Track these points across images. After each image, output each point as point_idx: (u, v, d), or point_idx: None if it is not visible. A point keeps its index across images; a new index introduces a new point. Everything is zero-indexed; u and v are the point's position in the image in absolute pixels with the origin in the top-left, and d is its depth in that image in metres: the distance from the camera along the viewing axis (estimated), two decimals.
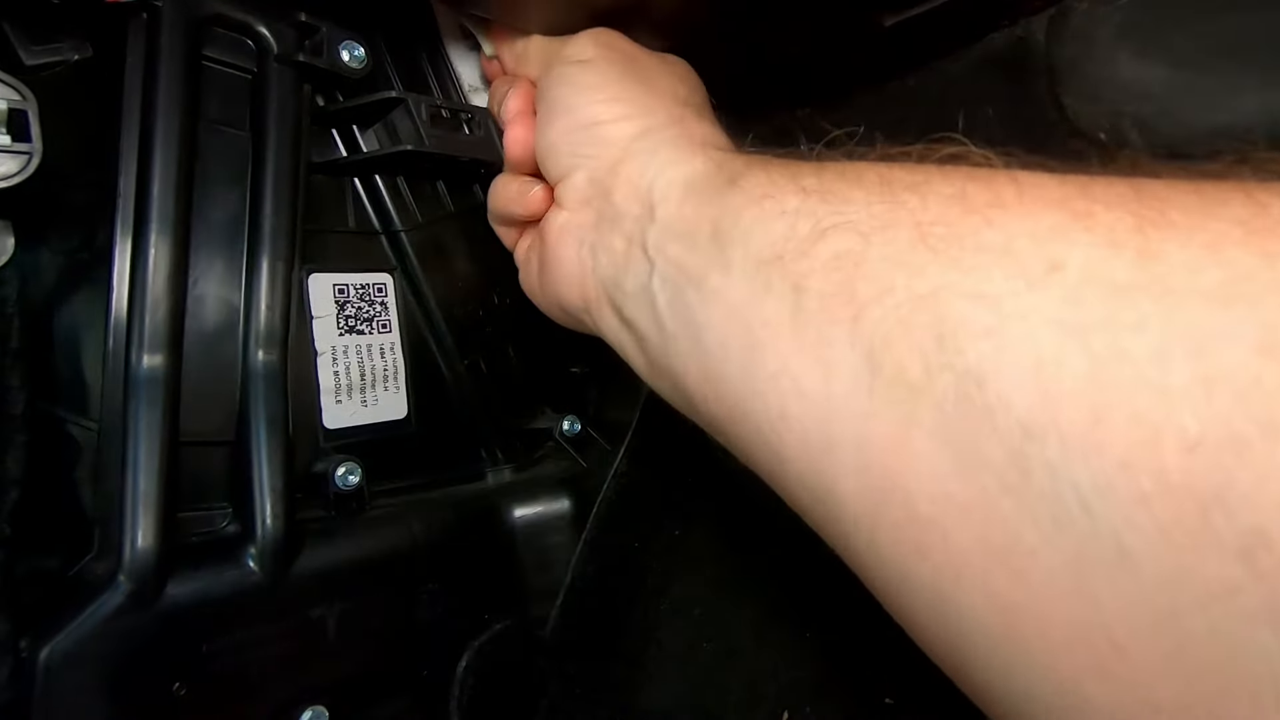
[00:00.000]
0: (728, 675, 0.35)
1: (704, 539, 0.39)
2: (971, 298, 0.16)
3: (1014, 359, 0.15)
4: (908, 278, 0.17)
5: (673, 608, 0.39)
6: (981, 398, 0.15)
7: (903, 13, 0.33)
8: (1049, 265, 0.15)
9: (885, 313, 0.17)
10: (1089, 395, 0.14)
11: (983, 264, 0.16)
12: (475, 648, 0.34)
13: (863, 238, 0.19)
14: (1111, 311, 0.14)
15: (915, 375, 0.16)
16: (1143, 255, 0.14)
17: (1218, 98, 0.29)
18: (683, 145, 0.28)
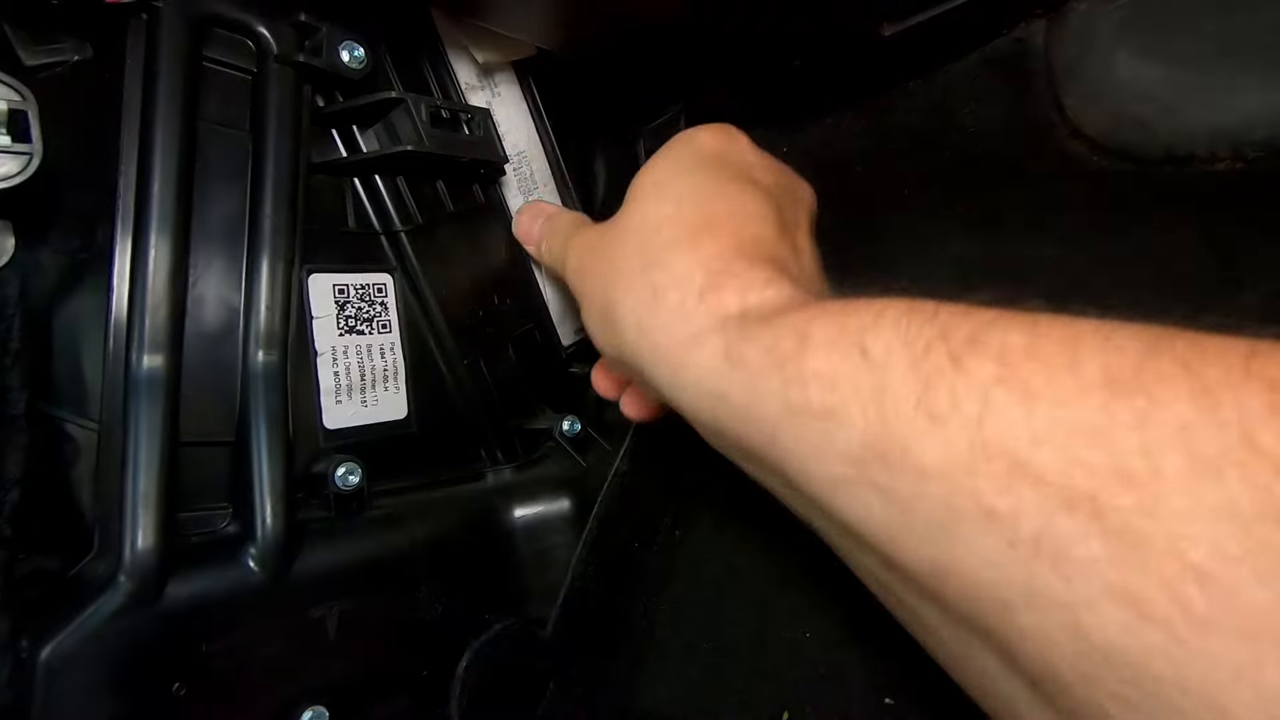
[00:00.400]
0: (728, 675, 0.35)
1: (704, 539, 0.39)
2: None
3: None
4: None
5: (672, 608, 0.39)
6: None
7: (902, 22, 0.33)
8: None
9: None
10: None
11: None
12: (475, 648, 0.34)
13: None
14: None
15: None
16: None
17: (1218, 98, 0.29)
18: (662, 360, 0.25)
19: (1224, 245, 0.29)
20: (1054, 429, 0.15)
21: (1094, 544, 0.14)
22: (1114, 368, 0.15)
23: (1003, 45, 0.35)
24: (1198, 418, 0.14)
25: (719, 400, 0.23)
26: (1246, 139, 0.28)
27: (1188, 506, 0.14)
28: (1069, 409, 0.15)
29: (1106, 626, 0.14)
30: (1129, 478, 0.14)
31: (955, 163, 0.37)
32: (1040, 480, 0.15)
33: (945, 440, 0.17)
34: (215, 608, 0.28)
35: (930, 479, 0.17)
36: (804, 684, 0.33)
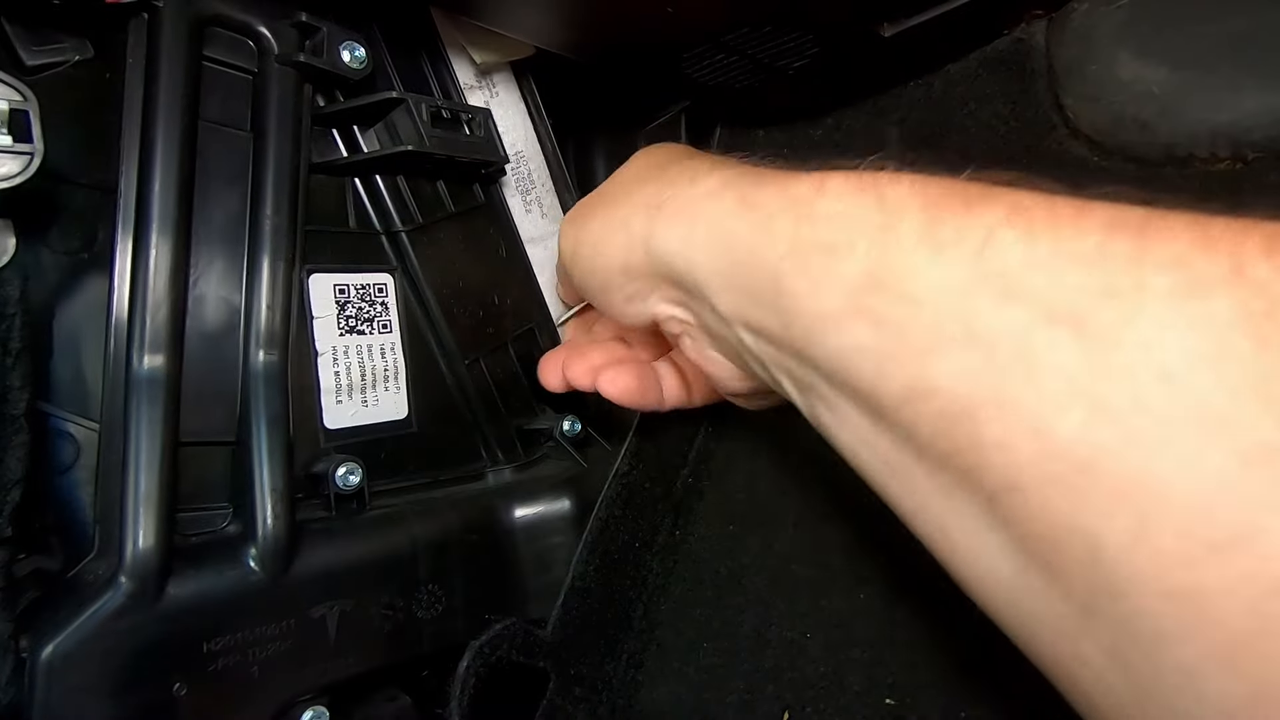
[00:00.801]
0: (728, 675, 0.35)
1: (704, 539, 0.39)
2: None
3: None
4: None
5: (673, 608, 0.39)
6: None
7: (902, 23, 0.33)
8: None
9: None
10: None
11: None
12: (474, 648, 0.34)
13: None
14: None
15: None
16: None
17: (1218, 98, 0.29)
18: (677, 219, 0.26)
19: None
20: (1052, 258, 0.16)
21: (1068, 351, 0.15)
22: (1120, 215, 0.16)
23: (1003, 45, 0.35)
24: (1193, 252, 0.15)
25: (729, 243, 0.23)
26: (1247, 140, 0.28)
27: (1166, 316, 0.14)
28: (1069, 243, 0.16)
29: (1067, 426, 0.15)
30: (1115, 293, 0.15)
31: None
32: (1029, 299, 0.16)
33: (944, 268, 0.17)
34: (216, 607, 0.28)
35: (923, 304, 0.18)
36: (804, 684, 0.33)
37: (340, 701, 0.32)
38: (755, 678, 0.34)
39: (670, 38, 0.34)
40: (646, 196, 0.27)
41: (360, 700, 0.33)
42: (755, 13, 0.32)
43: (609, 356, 0.36)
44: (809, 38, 0.34)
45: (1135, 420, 0.14)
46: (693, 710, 0.36)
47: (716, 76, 0.38)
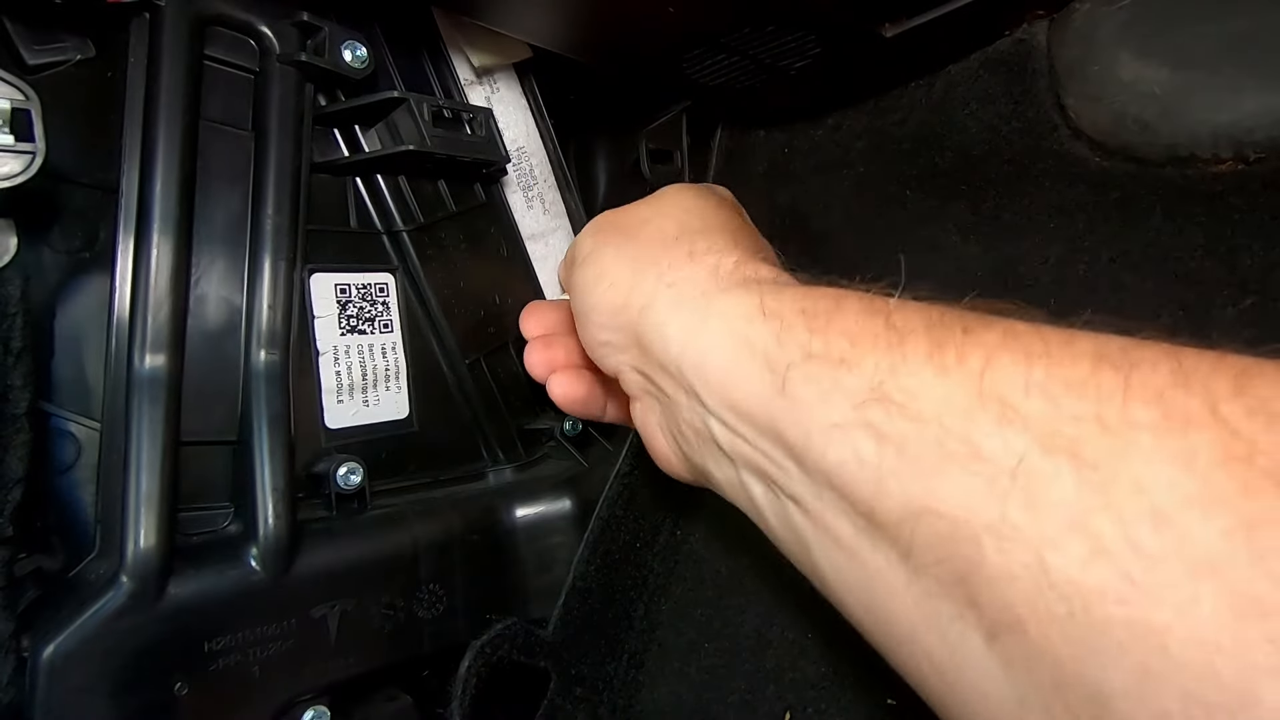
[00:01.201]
0: (729, 675, 0.35)
1: (704, 539, 0.39)
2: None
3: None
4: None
5: (674, 608, 0.39)
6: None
7: (904, 24, 0.33)
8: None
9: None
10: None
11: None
12: (476, 648, 0.34)
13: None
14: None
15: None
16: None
17: (1219, 98, 0.29)
18: (686, 306, 0.26)
19: (1226, 246, 0.29)
20: (1047, 382, 0.17)
21: (1066, 483, 0.16)
22: (1104, 347, 0.17)
23: (1004, 45, 0.35)
24: (1172, 387, 0.15)
25: (740, 344, 0.23)
26: (1248, 140, 0.28)
27: (1154, 452, 0.15)
28: (1061, 369, 0.17)
29: (1066, 562, 0.15)
30: (1106, 425, 0.16)
31: (956, 163, 0.37)
32: (1027, 424, 0.17)
33: (947, 387, 0.18)
34: (217, 607, 0.28)
35: (927, 422, 0.18)
36: (805, 684, 0.33)
37: (341, 701, 0.32)
38: (756, 678, 0.34)
39: (671, 38, 0.34)
40: (669, 260, 0.27)
41: (361, 700, 0.33)
42: (757, 13, 0.32)
43: (572, 359, 0.36)
44: (810, 38, 0.34)
45: (1131, 562, 0.14)
46: (693, 710, 0.36)
47: (717, 77, 0.38)
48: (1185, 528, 0.14)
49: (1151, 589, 0.14)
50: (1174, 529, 0.14)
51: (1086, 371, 0.17)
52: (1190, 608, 0.14)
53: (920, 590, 0.19)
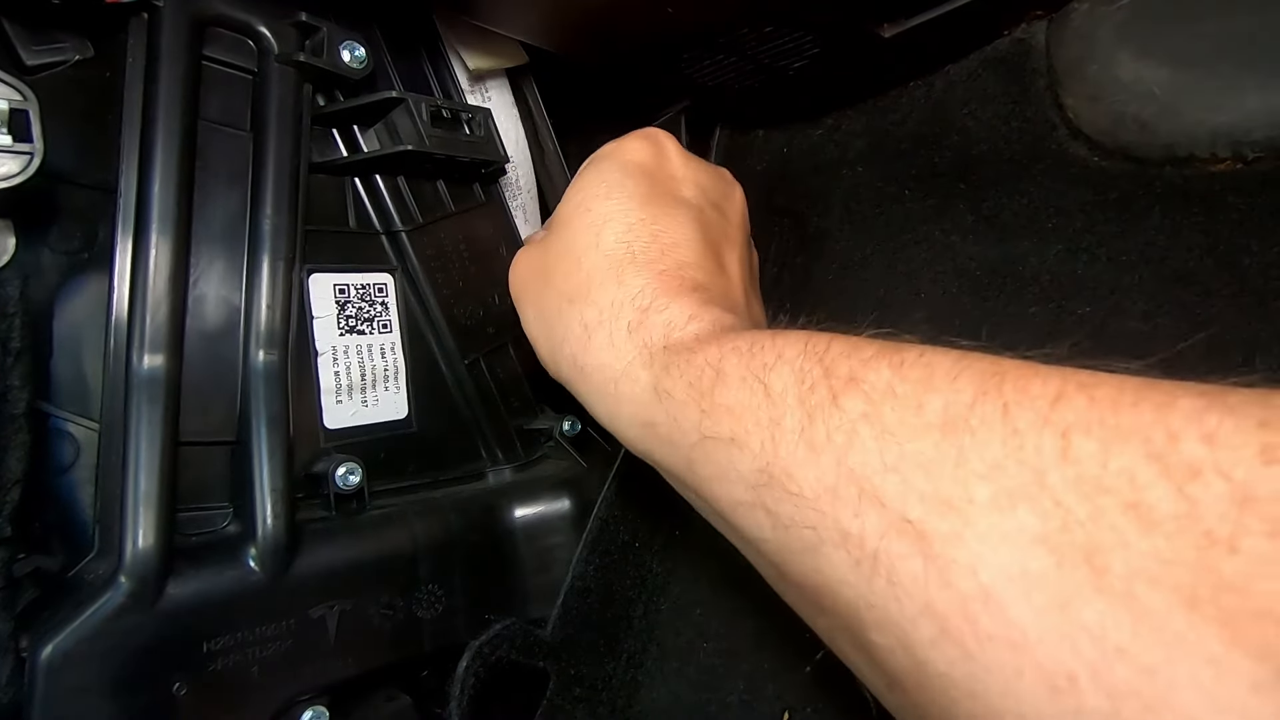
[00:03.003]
0: (728, 675, 0.35)
1: (704, 539, 0.39)
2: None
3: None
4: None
5: (673, 608, 0.39)
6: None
7: (902, 24, 0.33)
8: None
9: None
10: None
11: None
12: (474, 648, 0.34)
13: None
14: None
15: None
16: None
17: (1218, 98, 0.29)
18: (596, 392, 0.28)
19: (1224, 246, 0.29)
20: (899, 461, 0.18)
21: (916, 564, 0.17)
22: (952, 408, 0.18)
23: (1003, 45, 0.35)
24: (1005, 457, 0.16)
25: (648, 428, 0.26)
26: (1247, 140, 0.28)
27: (986, 532, 0.16)
28: (912, 445, 0.18)
29: (923, 643, 0.17)
30: (949, 506, 0.17)
31: (955, 163, 0.37)
32: (883, 505, 0.18)
33: (819, 468, 0.19)
34: (215, 607, 0.28)
35: (805, 503, 0.19)
36: (804, 684, 0.33)
37: (340, 701, 0.31)
38: (755, 678, 0.34)
39: (670, 38, 0.34)
40: (575, 337, 0.29)
41: (360, 700, 0.33)
42: (755, 13, 0.32)
43: None
44: (809, 39, 0.34)
45: (971, 643, 0.16)
46: (693, 710, 0.36)
47: (716, 77, 0.38)
48: (1006, 609, 0.15)
49: (985, 668, 0.15)
50: (998, 611, 0.15)
51: (934, 446, 0.17)
52: (1013, 687, 0.15)
53: (841, 641, 0.21)
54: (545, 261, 0.31)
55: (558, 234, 0.31)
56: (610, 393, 0.27)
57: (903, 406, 0.19)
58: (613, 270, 0.28)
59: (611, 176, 0.31)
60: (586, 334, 0.28)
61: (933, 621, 0.16)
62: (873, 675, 0.20)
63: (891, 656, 0.18)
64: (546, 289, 0.31)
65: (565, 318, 0.29)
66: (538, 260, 0.32)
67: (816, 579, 0.20)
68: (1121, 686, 0.14)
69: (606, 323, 0.27)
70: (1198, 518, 0.14)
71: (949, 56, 0.36)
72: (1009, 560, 0.15)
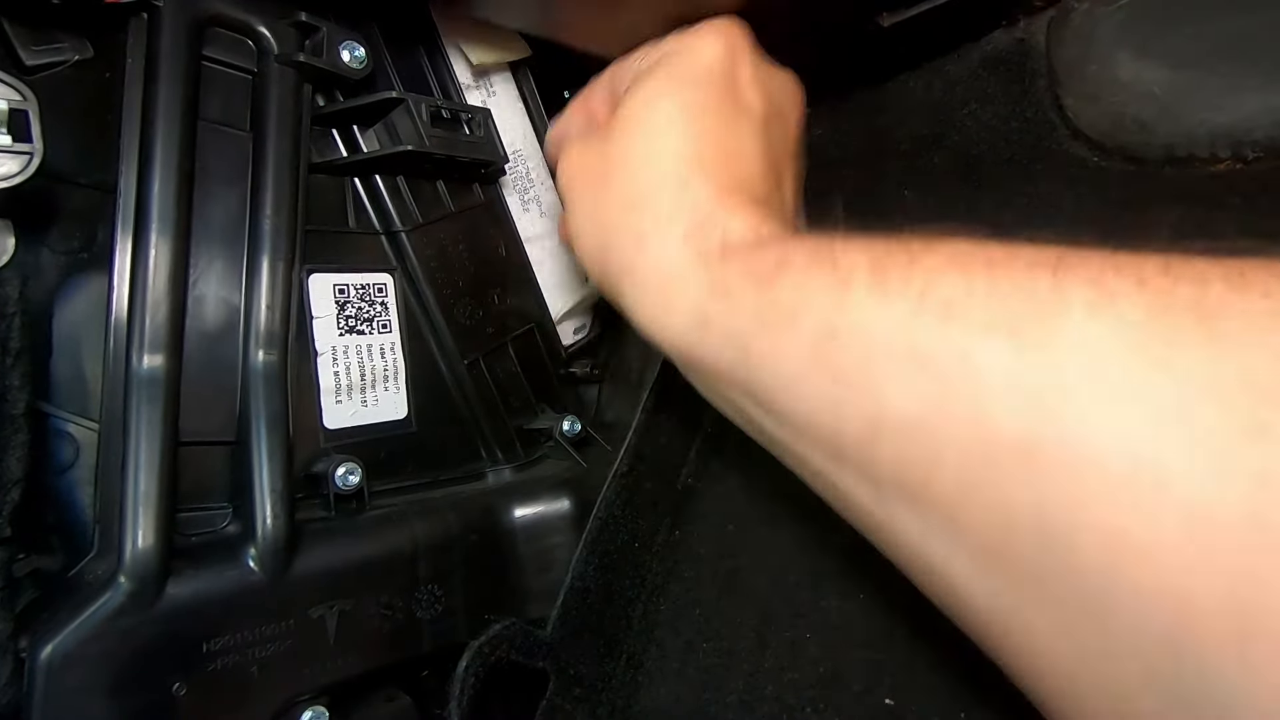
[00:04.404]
0: (728, 675, 0.35)
1: (704, 539, 0.39)
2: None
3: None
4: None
5: (672, 608, 0.39)
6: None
7: (901, 13, 0.33)
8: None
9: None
10: None
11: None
12: (474, 648, 0.34)
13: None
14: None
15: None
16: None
17: (1218, 98, 0.29)
18: (651, 294, 0.27)
19: (1225, 246, 0.29)
20: (987, 289, 0.18)
21: (1005, 355, 0.17)
22: (1040, 255, 0.18)
23: (1003, 45, 0.35)
24: (1105, 272, 0.17)
25: (702, 328, 0.25)
26: (1247, 139, 0.28)
27: (1087, 320, 0.17)
28: (1001, 277, 0.18)
29: (1007, 415, 0.17)
30: (1043, 308, 0.17)
31: (955, 163, 0.37)
32: (967, 319, 0.18)
33: (891, 307, 0.19)
34: (215, 607, 0.28)
35: (875, 340, 0.20)
36: (804, 684, 0.33)
37: (340, 701, 0.31)
38: (755, 678, 0.34)
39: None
40: (631, 239, 0.28)
41: (360, 700, 0.33)
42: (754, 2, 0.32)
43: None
44: (808, 28, 0.34)
45: (1068, 406, 0.16)
46: (693, 710, 0.36)
47: None
48: (1112, 370, 0.16)
49: (1088, 424, 0.16)
50: (1104, 373, 0.16)
51: (1024, 271, 0.18)
52: (1122, 431, 0.16)
53: (885, 500, 0.21)
54: (604, 164, 0.30)
55: (619, 135, 0.30)
56: (663, 300, 0.26)
57: (990, 257, 0.19)
58: (674, 179, 0.28)
59: (682, 75, 0.30)
60: (640, 240, 0.27)
61: (1023, 395, 0.17)
62: (923, 516, 0.20)
63: (960, 451, 0.18)
64: (602, 192, 0.29)
65: (620, 223, 0.28)
66: (595, 160, 0.31)
67: (878, 413, 0.19)
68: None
69: (661, 230, 0.27)
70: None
71: (948, 46, 0.36)
72: (1113, 336, 0.16)
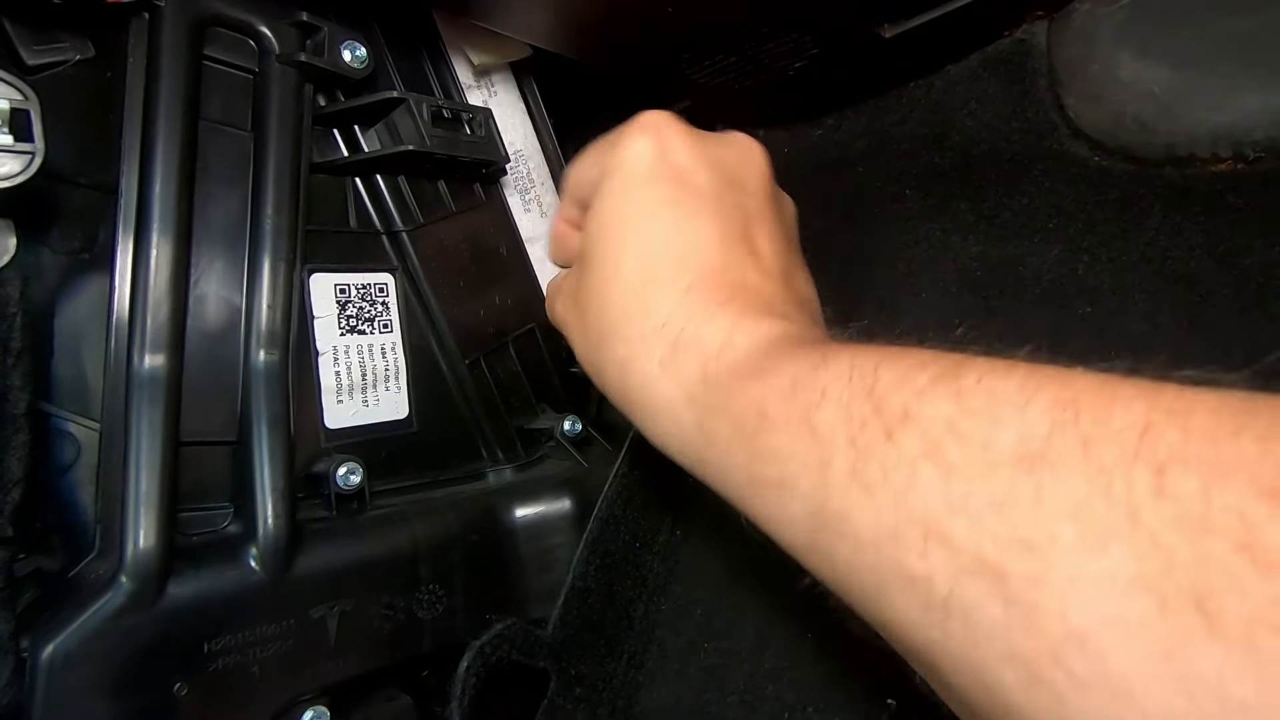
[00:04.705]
0: (728, 676, 0.35)
1: (704, 539, 0.39)
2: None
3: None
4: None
5: (673, 608, 0.39)
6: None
7: (903, 24, 0.33)
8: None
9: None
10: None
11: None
12: (475, 648, 0.34)
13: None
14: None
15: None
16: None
17: (1219, 98, 0.29)
18: (642, 411, 0.27)
19: (1225, 246, 0.29)
20: (967, 500, 0.17)
21: (995, 609, 0.16)
22: (1025, 443, 0.16)
23: (1004, 45, 0.35)
24: (1091, 494, 0.15)
25: (700, 465, 0.25)
26: (1247, 139, 0.28)
27: (1074, 574, 0.15)
28: (981, 483, 0.17)
29: (1008, 688, 0.16)
30: (1028, 547, 0.15)
31: (956, 163, 0.37)
32: (952, 547, 0.17)
33: (876, 509, 0.18)
34: (216, 607, 0.28)
35: (864, 546, 0.18)
36: (804, 684, 0.33)
37: (340, 701, 0.31)
38: (755, 678, 0.34)
39: (670, 38, 0.34)
40: (618, 360, 0.27)
41: (360, 700, 0.33)
42: (755, 14, 0.32)
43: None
44: (809, 38, 0.34)
45: (1066, 690, 0.15)
46: (693, 710, 0.36)
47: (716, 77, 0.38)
48: (1104, 651, 0.14)
49: (1083, 712, 0.14)
50: (1096, 656, 0.14)
51: (1007, 484, 0.16)
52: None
53: (923, 673, 0.20)
54: (577, 296, 0.30)
55: (584, 266, 0.30)
56: (658, 426, 0.26)
57: (967, 444, 0.17)
58: (636, 300, 0.27)
59: (623, 186, 0.29)
60: (623, 370, 0.27)
61: (1019, 667, 0.15)
62: (960, 710, 0.19)
63: (974, 697, 0.17)
64: (582, 323, 0.30)
65: (602, 353, 0.28)
66: (570, 294, 0.31)
67: (883, 622, 0.19)
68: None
69: (639, 359, 0.26)
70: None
71: (949, 57, 0.36)
72: (1103, 603, 0.14)
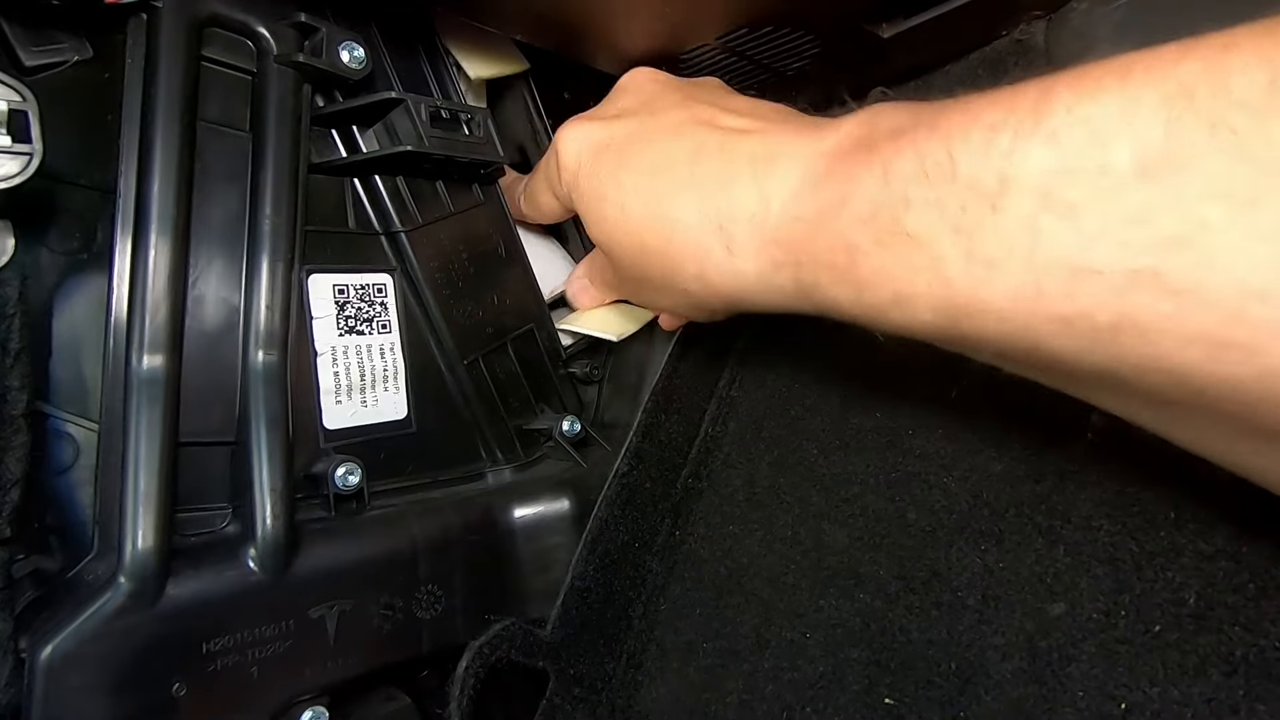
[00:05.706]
0: (728, 675, 0.35)
1: (704, 539, 0.39)
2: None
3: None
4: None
5: (672, 608, 0.39)
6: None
7: (901, 24, 0.33)
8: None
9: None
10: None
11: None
12: (474, 648, 0.34)
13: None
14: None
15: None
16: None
17: None
18: (749, 257, 0.26)
19: None
20: (1103, 229, 0.16)
21: (1165, 305, 0.16)
22: (1143, 153, 0.16)
23: (1002, 45, 0.35)
24: (1229, 168, 0.15)
25: (820, 311, 0.25)
26: None
27: (1235, 244, 0.15)
28: (1112, 207, 0.16)
29: (1193, 369, 0.16)
30: (1180, 242, 0.15)
31: None
32: (1100, 277, 0.16)
33: (1006, 278, 0.18)
34: (215, 608, 0.28)
35: (1007, 317, 0.18)
36: (804, 684, 0.33)
37: (340, 702, 0.32)
38: (755, 678, 0.35)
39: (668, 38, 0.34)
40: (711, 210, 0.27)
41: (360, 700, 0.33)
42: (754, 14, 0.32)
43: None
44: (808, 39, 0.34)
45: (1253, 339, 0.15)
46: (692, 710, 0.36)
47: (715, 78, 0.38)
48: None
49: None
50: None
51: (1139, 199, 0.16)
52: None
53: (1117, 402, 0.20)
54: (606, 278, 0.33)
55: (638, 119, 0.31)
56: (767, 304, 0.27)
57: (1082, 179, 0.17)
58: (663, 227, 0.28)
59: (587, 174, 0.32)
60: (703, 283, 0.28)
61: (1200, 344, 0.16)
62: (1155, 422, 0.19)
63: (1165, 393, 0.17)
64: (646, 157, 0.30)
65: (672, 283, 0.29)
66: (599, 279, 0.34)
67: (1051, 364, 0.19)
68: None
69: (709, 258, 0.27)
70: None
71: (948, 56, 0.36)
72: (1273, 257, 0.14)
